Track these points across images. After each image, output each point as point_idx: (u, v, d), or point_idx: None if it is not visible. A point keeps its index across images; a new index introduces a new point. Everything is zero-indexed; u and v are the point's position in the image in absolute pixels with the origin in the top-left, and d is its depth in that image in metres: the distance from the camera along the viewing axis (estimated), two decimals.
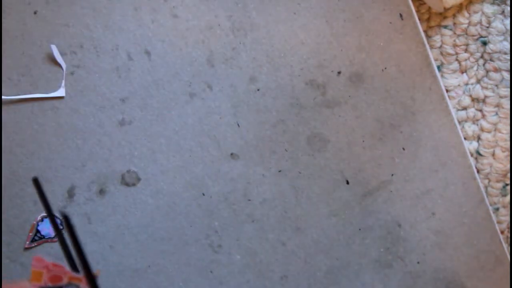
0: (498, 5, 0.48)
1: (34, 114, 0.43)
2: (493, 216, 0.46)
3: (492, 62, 0.48)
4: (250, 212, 0.45)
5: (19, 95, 0.43)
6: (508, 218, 0.49)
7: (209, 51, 0.44)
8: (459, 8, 0.48)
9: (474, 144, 0.49)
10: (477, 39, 0.48)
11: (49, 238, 0.43)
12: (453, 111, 0.47)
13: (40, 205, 0.43)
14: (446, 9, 0.46)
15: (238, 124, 0.45)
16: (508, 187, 0.49)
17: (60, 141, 0.43)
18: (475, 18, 0.48)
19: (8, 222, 0.43)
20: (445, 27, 0.48)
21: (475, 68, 0.49)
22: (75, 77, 0.43)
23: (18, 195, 0.43)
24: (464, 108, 0.49)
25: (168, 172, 0.44)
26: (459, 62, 0.49)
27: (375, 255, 0.46)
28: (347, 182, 0.45)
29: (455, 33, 0.48)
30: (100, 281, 0.44)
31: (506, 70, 0.48)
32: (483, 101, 0.49)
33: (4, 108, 0.43)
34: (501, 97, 0.48)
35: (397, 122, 0.45)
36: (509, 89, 0.48)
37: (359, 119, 0.45)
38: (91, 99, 0.44)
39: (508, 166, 0.49)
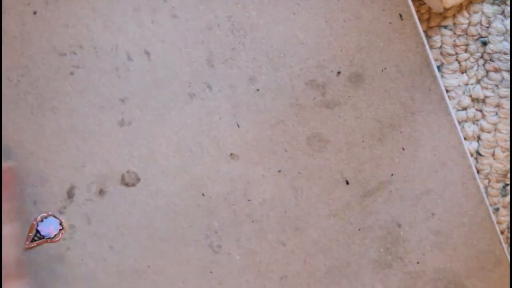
0: (498, 5, 0.48)
1: (34, 114, 0.43)
2: (493, 216, 0.46)
3: (492, 62, 0.48)
4: (249, 212, 0.45)
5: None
6: (508, 218, 0.49)
7: (209, 51, 0.44)
8: (459, 8, 0.48)
9: (474, 144, 0.49)
10: (477, 39, 0.48)
11: (49, 238, 0.44)
12: (453, 111, 0.47)
13: (40, 205, 0.43)
14: (446, 9, 0.46)
15: (237, 125, 0.45)
16: (508, 187, 0.49)
17: (60, 141, 0.44)
18: (475, 18, 0.48)
19: None
20: (445, 27, 0.48)
21: (475, 68, 0.48)
22: (75, 77, 0.43)
23: (18, 195, 0.43)
24: (464, 108, 0.49)
25: (167, 172, 0.44)
26: (459, 62, 0.48)
27: (374, 255, 0.46)
28: (347, 182, 0.45)
29: (455, 33, 0.48)
30: (100, 281, 0.44)
31: (506, 70, 0.48)
32: (483, 101, 0.49)
33: (4, 108, 0.43)
34: (501, 97, 0.48)
35: (397, 122, 0.45)
36: (509, 89, 0.48)
37: (358, 119, 0.45)
38: (91, 99, 0.44)
39: (508, 166, 0.49)
